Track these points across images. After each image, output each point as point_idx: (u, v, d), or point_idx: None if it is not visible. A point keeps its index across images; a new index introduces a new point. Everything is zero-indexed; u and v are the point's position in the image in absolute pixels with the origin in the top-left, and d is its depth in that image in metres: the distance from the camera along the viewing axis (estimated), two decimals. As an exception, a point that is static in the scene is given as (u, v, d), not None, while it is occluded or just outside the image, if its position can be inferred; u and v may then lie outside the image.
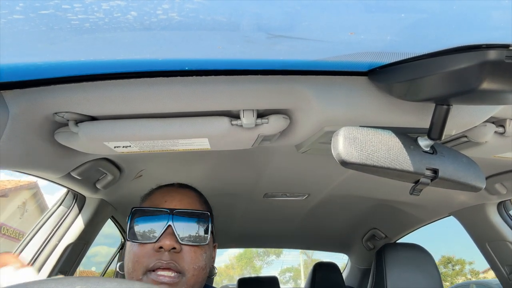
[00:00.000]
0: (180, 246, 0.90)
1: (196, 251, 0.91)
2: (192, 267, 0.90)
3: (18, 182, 10.53)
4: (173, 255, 0.88)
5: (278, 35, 0.61)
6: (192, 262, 0.90)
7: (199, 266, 0.91)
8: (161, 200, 0.97)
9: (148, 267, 0.87)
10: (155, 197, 0.99)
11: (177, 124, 0.87)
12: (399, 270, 1.62)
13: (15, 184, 10.35)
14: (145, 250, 0.89)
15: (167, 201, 0.96)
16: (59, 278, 0.50)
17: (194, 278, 0.90)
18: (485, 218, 1.75)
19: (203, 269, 0.92)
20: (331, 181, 1.70)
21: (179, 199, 0.97)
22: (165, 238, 0.88)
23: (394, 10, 0.53)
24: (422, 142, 0.77)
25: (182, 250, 0.90)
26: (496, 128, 0.97)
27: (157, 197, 0.99)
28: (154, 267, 0.87)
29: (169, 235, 0.89)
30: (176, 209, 0.93)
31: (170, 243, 0.88)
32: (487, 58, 0.57)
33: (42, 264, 1.36)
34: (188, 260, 0.89)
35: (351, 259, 3.24)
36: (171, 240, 0.88)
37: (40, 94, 0.78)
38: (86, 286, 0.46)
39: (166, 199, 0.97)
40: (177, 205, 0.95)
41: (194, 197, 1.01)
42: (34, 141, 0.90)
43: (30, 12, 0.51)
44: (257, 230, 2.71)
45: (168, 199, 0.96)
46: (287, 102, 0.84)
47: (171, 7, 0.52)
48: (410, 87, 0.71)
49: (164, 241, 0.88)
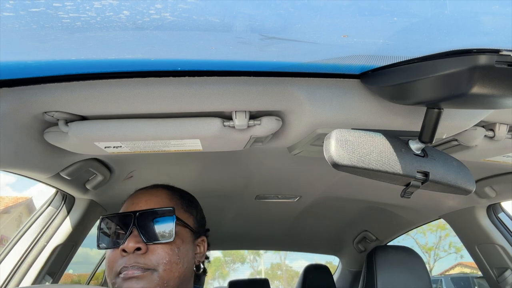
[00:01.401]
0: (146, 246, 0.90)
1: (163, 248, 0.91)
2: (162, 262, 0.90)
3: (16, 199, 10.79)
4: (138, 257, 0.89)
5: (271, 36, 0.61)
6: (161, 258, 0.90)
7: (169, 260, 0.91)
8: (129, 204, 0.99)
9: (117, 271, 0.89)
10: (126, 202, 1.01)
11: (169, 124, 0.86)
12: (390, 272, 1.63)
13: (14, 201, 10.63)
14: (114, 255, 0.91)
15: (134, 204, 0.97)
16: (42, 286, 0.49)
17: (167, 273, 0.90)
18: (474, 221, 1.77)
19: (176, 263, 0.92)
20: (323, 183, 1.70)
21: (146, 200, 0.98)
22: (128, 241, 0.89)
23: (387, 14, 0.54)
24: (413, 145, 0.78)
25: (149, 250, 0.90)
26: (486, 132, 0.98)
27: (127, 202, 1.01)
28: (121, 270, 0.89)
29: (134, 237, 0.90)
30: (139, 210, 0.94)
31: (132, 245, 0.89)
32: (477, 62, 0.58)
33: (29, 266, 1.34)
34: (155, 258, 0.90)
35: (342, 261, 3.25)
36: (134, 241, 0.89)
37: (30, 93, 0.77)
38: None
39: (133, 202, 0.98)
40: (143, 206, 0.96)
41: (163, 195, 1.01)
42: (23, 140, 0.88)
43: (21, 10, 0.50)
44: (248, 232, 2.71)
45: (135, 201, 0.98)
46: (279, 104, 0.84)
47: (164, 7, 0.51)
48: (401, 91, 0.71)
49: (127, 244, 0.89)
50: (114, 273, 0.89)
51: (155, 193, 1.01)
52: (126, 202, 1.01)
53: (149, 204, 0.96)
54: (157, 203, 0.97)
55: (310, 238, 2.84)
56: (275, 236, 2.80)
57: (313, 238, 2.82)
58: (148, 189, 1.03)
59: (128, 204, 0.99)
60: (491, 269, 1.82)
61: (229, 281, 2.83)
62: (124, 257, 0.89)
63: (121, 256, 0.90)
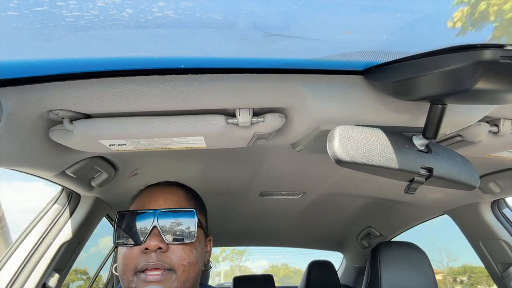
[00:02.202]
0: (167, 246, 0.90)
1: (184, 249, 0.92)
2: (181, 263, 0.90)
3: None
4: (160, 255, 0.89)
5: (274, 33, 0.61)
6: (181, 259, 0.90)
7: (189, 262, 0.91)
8: (146, 201, 0.97)
9: (137, 268, 0.89)
10: (141, 198, 1.00)
11: (172, 122, 0.87)
12: (394, 268, 1.63)
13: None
14: (133, 252, 0.90)
15: (151, 202, 0.96)
16: None
17: (185, 274, 0.90)
18: (479, 216, 1.76)
19: (194, 264, 0.93)
20: (326, 179, 1.70)
21: (164, 198, 0.97)
22: (150, 239, 0.89)
23: (390, 10, 0.54)
24: (417, 141, 0.78)
25: (169, 249, 0.90)
26: (490, 127, 0.98)
27: (143, 198, 0.99)
28: (142, 268, 0.88)
29: (155, 235, 0.90)
30: (160, 209, 0.93)
31: (155, 244, 0.88)
32: (481, 57, 0.58)
33: (37, 262, 1.35)
34: (176, 258, 0.90)
35: (346, 257, 3.25)
36: (156, 240, 0.89)
37: (35, 91, 0.77)
38: None
39: (150, 200, 0.97)
40: (162, 205, 0.95)
41: (180, 194, 1.01)
42: (28, 139, 0.89)
43: (24, 9, 0.51)
44: (252, 229, 2.71)
45: (152, 199, 0.97)
46: (283, 101, 0.84)
47: (167, 5, 0.51)
48: (405, 86, 0.71)
49: (149, 242, 0.88)
50: (133, 270, 0.89)
51: (172, 191, 1.00)
52: (141, 199, 0.99)
53: (168, 203, 0.96)
54: (176, 203, 0.97)
55: (314, 235, 2.84)
56: (279, 233, 2.80)
57: (317, 234, 2.83)
58: (164, 187, 1.02)
59: (145, 202, 0.97)
60: (495, 264, 1.81)
61: (234, 277, 2.84)
62: (145, 255, 0.89)
63: (141, 254, 0.89)
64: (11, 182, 33.00)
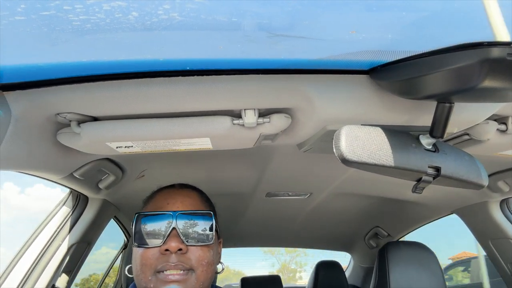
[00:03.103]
0: (186, 247, 0.92)
1: (202, 250, 0.94)
2: (200, 263, 0.92)
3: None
4: (180, 256, 0.91)
5: (279, 34, 0.61)
6: (200, 259, 0.93)
7: (207, 262, 0.94)
8: (164, 202, 0.98)
9: (157, 268, 0.90)
10: (157, 200, 1.01)
11: (178, 124, 0.87)
12: (402, 269, 1.62)
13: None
14: (152, 252, 0.92)
15: (169, 203, 0.97)
16: None
17: (204, 274, 0.93)
18: (487, 215, 1.75)
19: (211, 264, 0.95)
20: (333, 179, 1.70)
21: (182, 200, 0.98)
22: (170, 241, 0.90)
23: (395, 9, 0.53)
24: (424, 140, 0.77)
25: (189, 251, 0.92)
26: (498, 125, 0.97)
27: (160, 200, 1.00)
28: (162, 268, 0.90)
29: (174, 237, 0.91)
30: (179, 211, 0.95)
31: (176, 245, 0.90)
32: (489, 55, 0.57)
33: (46, 264, 1.36)
34: (195, 258, 0.92)
35: (354, 257, 3.24)
36: (177, 242, 0.90)
37: (42, 94, 0.78)
38: None
39: (168, 202, 0.98)
40: (180, 207, 0.96)
41: (196, 196, 1.03)
42: (36, 141, 0.90)
43: (32, 13, 0.51)
44: (259, 229, 2.71)
45: (170, 201, 0.98)
46: (288, 101, 0.84)
47: (172, 7, 0.52)
48: (411, 85, 0.71)
49: (170, 244, 0.90)
50: (152, 270, 0.90)
51: (188, 194, 1.02)
52: (157, 201, 1.01)
53: (185, 205, 0.98)
54: (193, 205, 0.99)
55: (321, 235, 2.83)
56: (286, 233, 2.80)
57: (324, 234, 2.82)
58: (179, 189, 1.04)
59: (162, 203, 0.99)
60: (505, 264, 1.79)
61: (241, 278, 2.84)
62: (165, 256, 0.90)
63: (160, 255, 0.91)
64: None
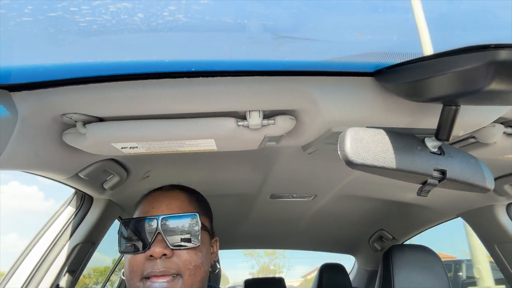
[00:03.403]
0: (171, 252, 0.90)
1: (189, 252, 0.92)
2: (187, 267, 0.90)
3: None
4: (165, 261, 0.90)
5: (284, 35, 0.61)
6: (187, 263, 0.91)
7: (195, 265, 0.92)
8: (149, 207, 0.98)
9: (143, 274, 0.89)
10: (144, 204, 1.00)
11: (183, 125, 0.87)
12: (407, 272, 1.61)
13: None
14: (138, 259, 0.91)
15: (155, 208, 0.96)
16: None
17: (192, 278, 0.91)
18: (494, 219, 1.73)
19: (199, 267, 0.93)
20: (338, 182, 1.69)
21: (167, 204, 0.97)
22: (154, 246, 0.89)
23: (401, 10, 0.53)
24: (430, 143, 0.77)
25: (174, 254, 0.91)
26: (505, 128, 0.96)
27: (146, 205, 0.99)
28: (148, 275, 0.89)
29: (159, 242, 0.90)
30: (163, 215, 0.93)
31: (160, 250, 0.89)
32: (495, 58, 0.57)
33: (50, 264, 1.36)
34: (181, 262, 0.90)
35: (358, 260, 3.22)
36: (161, 247, 0.89)
37: (48, 95, 0.79)
38: None
39: (154, 206, 0.97)
40: (165, 210, 0.95)
41: (183, 198, 1.01)
42: (42, 142, 0.90)
43: (39, 15, 0.52)
44: (263, 231, 2.71)
45: (155, 205, 0.97)
46: (293, 103, 0.84)
47: (178, 9, 0.52)
48: (417, 88, 0.70)
49: (154, 249, 0.89)
50: (139, 277, 0.89)
51: (175, 196, 1.00)
52: (144, 205, 1.00)
53: (170, 208, 0.96)
54: (179, 207, 0.97)
55: (325, 237, 2.82)
56: (290, 236, 2.79)
57: (329, 237, 2.81)
58: (166, 192, 1.03)
59: (148, 208, 0.98)
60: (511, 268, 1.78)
61: (245, 280, 2.84)
62: (150, 262, 0.89)
63: (146, 261, 0.90)
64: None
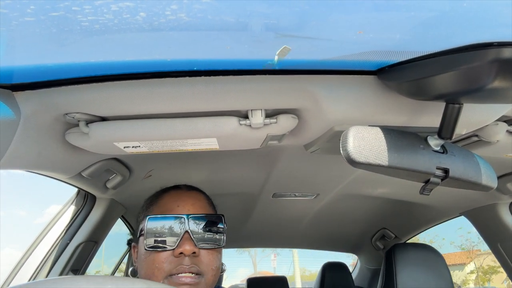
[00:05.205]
0: (199, 250, 0.92)
1: (212, 253, 0.95)
2: (210, 268, 0.93)
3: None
4: (193, 259, 0.91)
5: (286, 34, 0.60)
6: (210, 263, 0.93)
7: (216, 266, 0.95)
8: (173, 205, 0.99)
9: (170, 272, 0.90)
10: (165, 201, 1.01)
11: (186, 124, 0.87)
12: (409, 270, 1.61)
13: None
14: (165, 256, 0.92)
15: (179, 206, 0.98)
16: (90, 276, 0.52)
17: (213, 278, 0.94)
18: (497, 218, 1.73)
19: (218, 269, 0.96)
20: (340, 180, 1.69)
21: (192, 203, 0.99)
22: (184, 244, 0.91)
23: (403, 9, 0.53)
24: (432, 142, 0.76)
25: (200, 254, 0.93)
26: (508, 127, 0.96)
27: (168, 202, 1.00)
28: (177, 271, 0.90)
29: (188, 240, 0.92)
30: (191, 214, 0.95)
31: (190, 248, 0.90)
32: (498, 56, 0.56)
33: (54, 263, 1.37)
34: (206, 262, 0.93)
35: (361, 259, 3.22)
36: (190, 245, 0.91)
37: (51, 95, 0.79)
38: (116, 286, 0.49)
39: (178, 204, 0.98)
40: (191, 210, 0.97)
41: (204, 200, 1.04)
42: (45, 141, 0.91)
43: (41, 14, 0.52)
44: (266, 230, 2.71)
45: (180, 204, 0.98)
46: (295, 102, 0.84)
47: (180, 8, 0.52)
48: (420, 86, 0.70)
49: (184, 247, 0.91)
50: (165, 274, 0.90)
51: (197, 196, 1.03)
52: (167, 203, 1.00)
53: (196, 208, 0.98)
54: (202, 208, 0.99)
55: (328, 236, 2.82)
56: (292, 235, 2.79)
57: (331, 235, 2.81)
58: (187, 191, 1.04)
59: (171, 206, 0.98)
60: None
61: (247, 278, 2.84)
62: (178, 259, 0.91)
63: (173, 258, 0.91)
64: (29, 184, 33.41)
